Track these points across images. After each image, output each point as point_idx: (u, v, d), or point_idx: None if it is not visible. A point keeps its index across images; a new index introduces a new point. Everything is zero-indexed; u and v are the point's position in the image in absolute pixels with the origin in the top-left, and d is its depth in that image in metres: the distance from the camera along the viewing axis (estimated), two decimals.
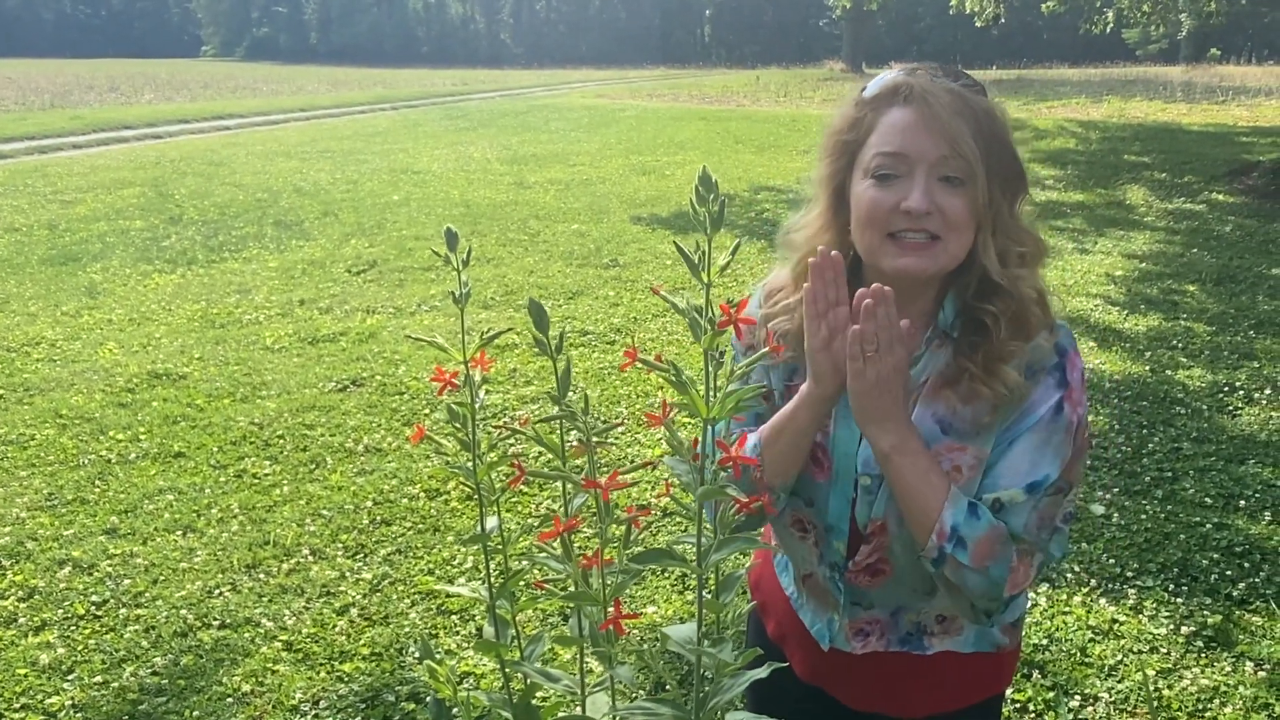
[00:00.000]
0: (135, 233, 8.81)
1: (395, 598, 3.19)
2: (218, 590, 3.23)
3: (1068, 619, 2.98)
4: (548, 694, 1.25)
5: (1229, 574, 3.19)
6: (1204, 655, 2.80)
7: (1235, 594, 3.08)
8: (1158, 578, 3.18)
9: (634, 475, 3.69)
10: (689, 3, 66.61)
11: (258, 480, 4.02)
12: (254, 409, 4.72)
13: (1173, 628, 2.92)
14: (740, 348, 1.38)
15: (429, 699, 1.33)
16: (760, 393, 1.32)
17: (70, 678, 2.80)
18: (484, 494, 1.22)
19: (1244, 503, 3.64)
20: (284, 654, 2.90)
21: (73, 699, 2.71)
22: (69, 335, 5.89)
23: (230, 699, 2.71)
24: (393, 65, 54.13)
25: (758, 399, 1.37)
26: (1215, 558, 3.28)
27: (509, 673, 1.29)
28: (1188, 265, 7.01)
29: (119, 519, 3.69)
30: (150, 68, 45.23)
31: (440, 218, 9.30)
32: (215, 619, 3.07)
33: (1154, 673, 2.74)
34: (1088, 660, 2.80)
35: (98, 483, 3.99)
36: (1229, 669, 2.74)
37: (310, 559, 3.42)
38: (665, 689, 2.56)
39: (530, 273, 7.21)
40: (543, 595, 1.23)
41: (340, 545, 3.51)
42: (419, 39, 70.09)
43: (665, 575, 3.24)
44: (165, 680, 2.79)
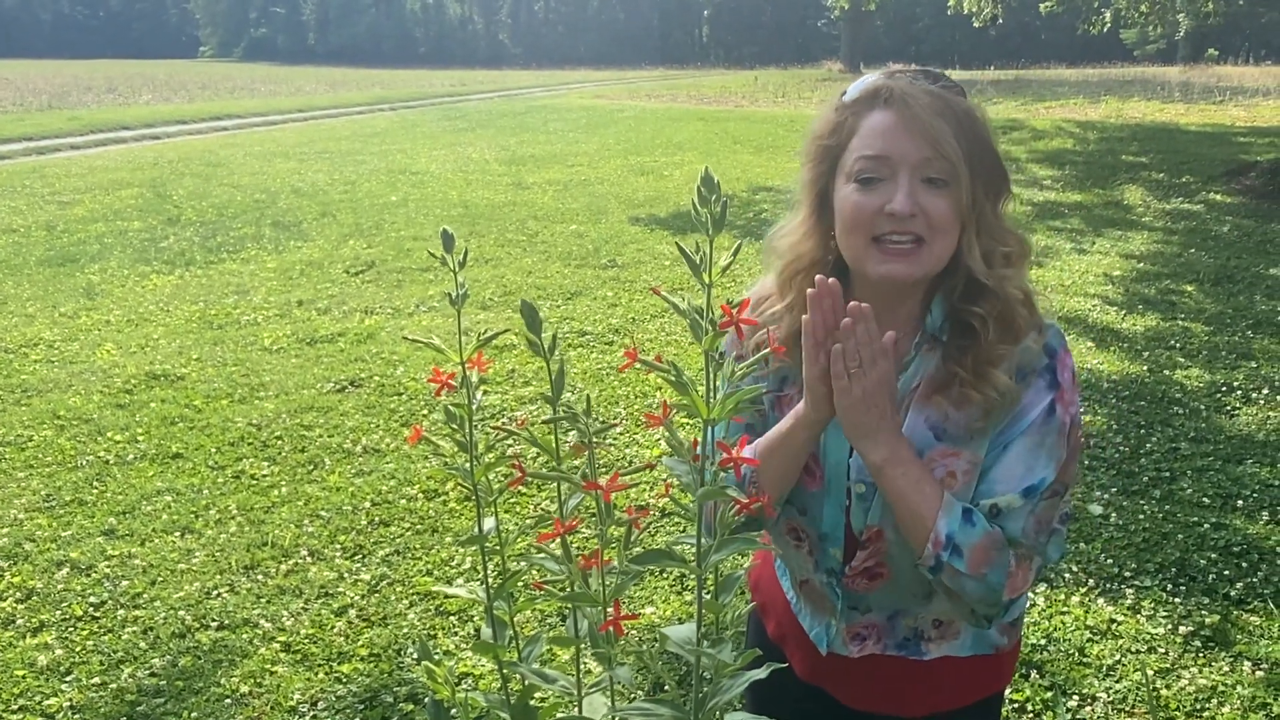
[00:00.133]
0: (133, 234, 8.81)
1: (393, 599, 3.18)
2: (216, 591, 3.23)
3: (1066, 619, 2.98)
4: (546, 695, 1.24)
5: (1227, 574, 3.19)
6: (1202, 655, 2.80)
7: (1233, 594, 3.08)
8: (1156, 577, 3.19)
9: (634, 477, 3.69)
10: (687, 3, 66.63)
11: (256, 481, 4.01)
12: (252, 410, 4.71)
13: (1171, 627, 2.93)
14: (730, 355, 1.37)
15: (427, 700, 1.33)
16: (761, 393, 1.32)
17: (68, 679, 2.80)
18: (481, 495, 1.22)
19: (1242, 502, 3.64)
20: (282, 655, 2.90)
21: (71, 700, 2.71)
22: (67, 336, 5.88)
23: (228, 700, 2.71)
24: (391, 66, 54.08)
25: (754, 407, 1.36)
26: (1213, 557, 3.28)
27: (507, 674, 1.29)
28: (1185, 265, 7.01)
29: (117, 520, 3.69)
30: (148, 68, 45.18)
31: (438, 218, 9.29)
32: (213, 620, 3.07)
33: (1152, 672, 2.74)
34: (1086, 660, 2.80)
35: (96, 484, 3.99)
36: (1227, 669, 2.74)
37: (308, 560, 3.42)
38: (664, 689, 2.56)
39: (528, 273, 7.21)
40: (541, 596, 1.23)
41: (338, 546, 3.51)
42: (417, 40, 70.06)
43: (663, 575, 3.24)
44: (163, 681, 2.78)
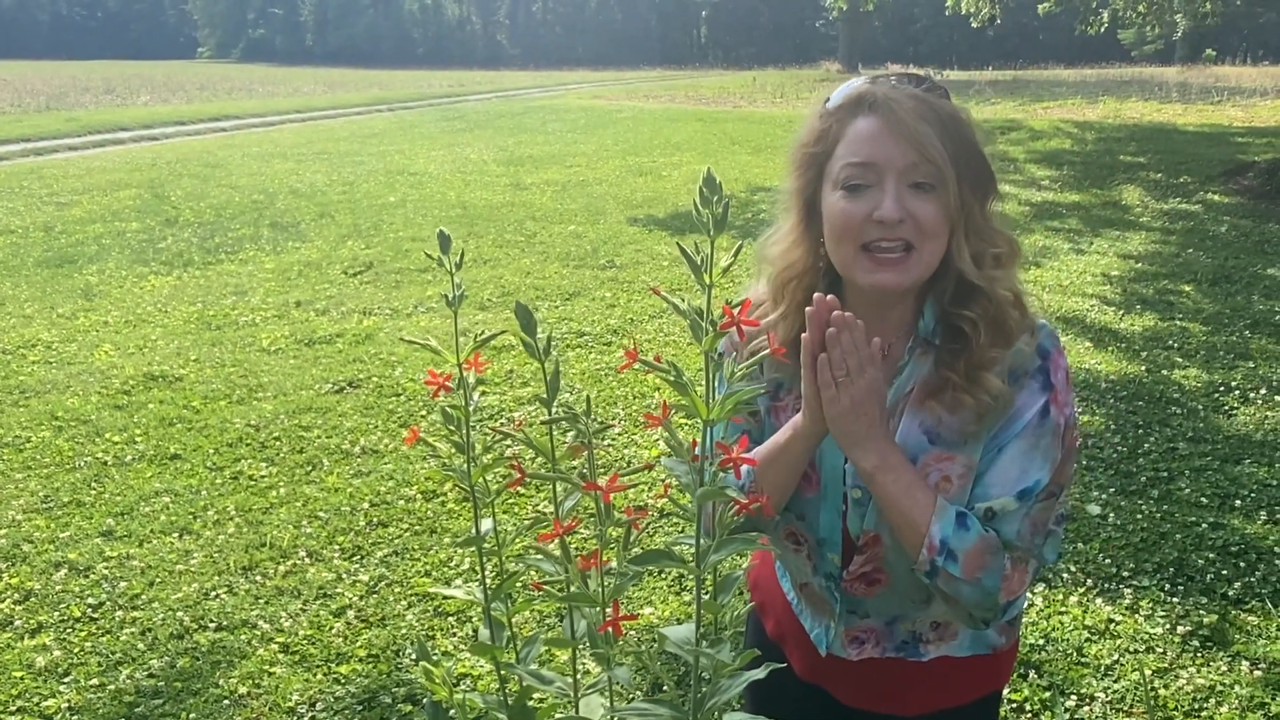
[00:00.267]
0: (131, 235, 8.80)
1: (392, 599, 3.18)
2: (214, 592, 3.23)
3: (1064, 619, 2.98)
4: (544, 695, 1.24)
5: (1225, 573, 3.19)
6: (1200, 654, 2.81)
7: (1231, 593, 3.09)
8: (1154, 577, 3.19)
9: (633, 477, 3.69)
10: (685, 4, 66.65)
11: (254, 482, 4.01)
12: (250, 411, 4.71)
13: (1169, 627, 2.93)
14: (729, 356, 1.37)
15: (425, 701, 1.33)
16: (760, 392, 1.32)
17: (66, 680, 2.80)
18: (479, 496, 1.22)
19: (1240, 502, 3.64)
20: (281, 656, 2.90)
21: (69, 701, 2.71)
22: (65, 337, 5.88)
23: (227, 701, 2.71)
24: (389, 67, 54.05)
25: (749, 410, 1.36)
26: (1211, 557, 3.28)
27: (505, 674, 1.29)
28: (1183, 265, 7.02)
29: (115, 521, 3.68)
30: (146, 69, 45.16)
31: (437, 219, 9.29)
32: (212, 621, 3.07)
33: (1150, 672, 2.74)
34: (1084, 660, 2.80)
35: (94, 485, 3.98)
36: (1225, 668, 2.74)
37: (307, 561, 3.42)
38: (662, 690, 2.56)
39: (527, 274, 7.21)
40: (540, 597, 1.23)
41: (337, 547, 3.51)
42: (415, 40, 70.03)
43: (662, 576, 3.24)
44: (162, 682, 2.78)
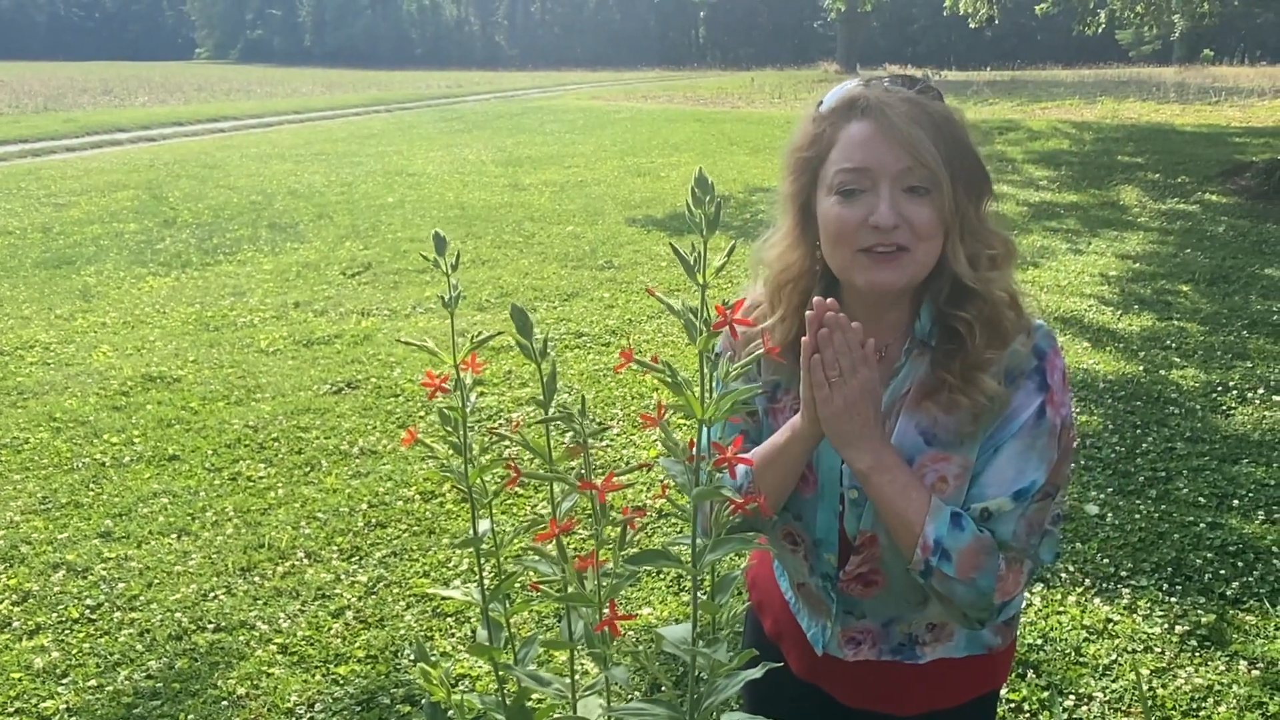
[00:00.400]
0: (129, 236, 8.80)
1: (390, 600, 3.18)
2: (212, 593, 3.23)
3: (1062, 619, 2.99)
4: (543, 696, 1.25)
5: (1223, 573, 3.19)
6: (1198, 654, 2.81)
7: (1229, 593, 3.09)
8: (1152, 577, 3.19)
9: (630, 477, 3.69)
10: (684, 5, 66.68)
11: (252, 483, 4.01)
12: (248, 412, 4.71)
13: (1167, 627, 2.93)
14: (724, 356, 1.37)
15: (424, 702, 1.33)
16: (756, 393, 1.32)
17: (65, 681, 2.80)
18: (476, 497, 1.23)
19: (1237, 502, 3.64)
20: (279, 657, 2.90)
21: (67, 703, 2.71)
22: (63, 338, 5.88)
23: (225, 702, 2.71)
24: (387, 67, 54.04)
25: (746, 411, 1.37)
26: (1209, 557, 3.28)
27: (503, 675, 1.29)
28: (1181, 265, 7.03)
29: (113, 522, 3.68)
30: (144, 70, 45.15)
31: (435, 220, 9.29)
32: (210, 622, 3.07)
33: (1148, 672, 2.74)
34: (1082, 660, 2.80)
35: (92, 486, 3.98)
36: (1223, 668, 2.75)
37: (305, 562, 3.42)
38: (661, 690, 2.56)
39: (525, 275, 7.21)
40: (538, 597, 1.24)
41: (335, 548, 3.51)
42: (413, 41, 70.03)
43: (661, 576, 3.24)
44: (160, 684, 2.78)
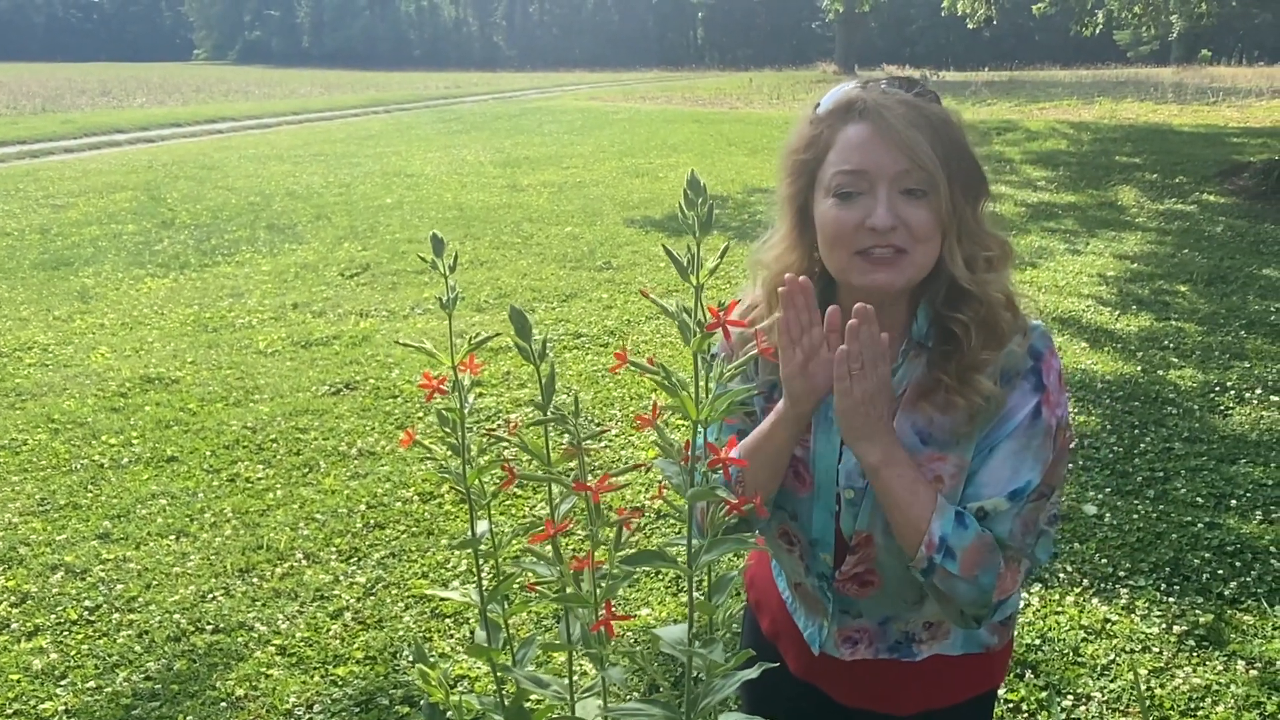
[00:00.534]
0: (127, 237, 8.80)
1: (389, 601, 3.18)
2: (211, 595, 3.23)
3: (1060, 619, 2.99)
4: (541, 697, 1.25)
5: (1220, 573, 3.20)
6: (1196, 654, 2.81)
7: (1227, 593, 3.09)
8: (1150, 577, 3.19)
9: (628, 477, 3.69)
10: (682, 5, 66.70)
11: (251, 484, 4.01)
12: (247, 413, 4.71)
13: (1165, 627, 2.93)
14: (720, 357, 1.38)
15: (423, 702, 1.33)
16: (754, 393, 1.33)
17: (63, 683, 2.80)
18: (475, 498, 1.23)
19: (1235, 502, 3.65)
20: (277, 658, 2.90)
21: (66, 704, 2.71)
22: (61, 340, 5.88)
23: (224, 703, 2.71)
24: (385, 68, 54.01)
25: (744, 411, 1.37)
26: (1207, 557, 3.29)
27: (502, 676, 1.29)
28: (1179, 266, 7.03)
29: (112, 524, 3.68)
30: (142, 71, 45.13)
31: (433, 221, 9.29)
32: (208, 623, 3.07)
33: (1146, 672, 2.75)
34: (1080, 660, 2.81)
35: (90, 488, 3.98)
36: (1221, 668, 2.75)
37: (304, 563, 3.42)
38: (659, 691, 2.57)
39: (524, 275, 7.21)
40: (535, 598, 1.24)
41: (334, 549, 3.51)
42: (411, 42, 70.03)
43: (660, 577, 3.24)
44: (159, 685, 2.78)
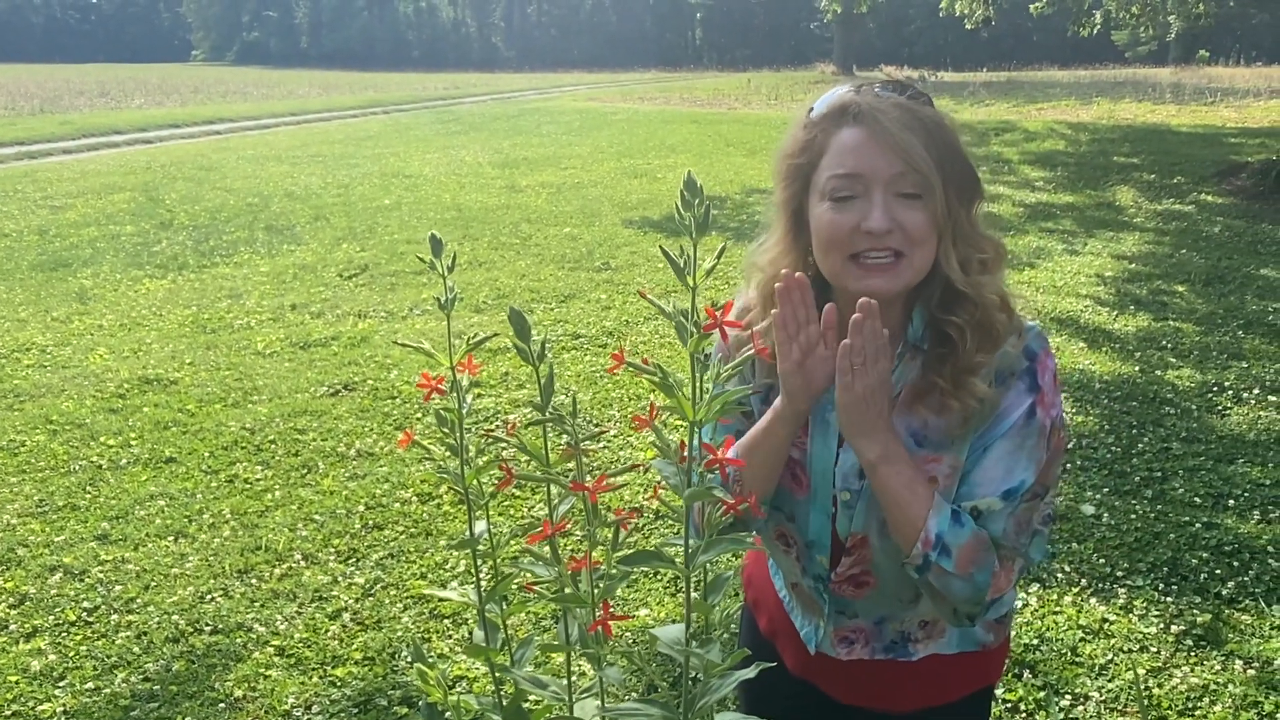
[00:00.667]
0: (126, 238, 8.80)
1: (387, 602, 3.18)
2: (210, 596, 3.23)
3: (1058, 618, 2.99)
4: (539, 697, 1.25)
5: (1218, 573, 3.20)
6: (1194, 654, 2.82)
7: (1225, 593, 3.10)
8: (1148, 577, 3.20)
9: (624, 478, 3.69)
10: (680, 6, 66.71)
11: (249, 485, 4.01)
12: (245, 414, 4.71)
13: (1163, 627, 2.94)
14: (716, 357, 1.38)
15: (421, 703, 1.33)
16: (749, 394, 1.33)
17: (62, 684, 2.80)
18: (473, 499, 1.23)
19: (1233, 502, 3.65)
20: (276, 659, 2.90)
21: (65, 706, 2.71)
22: (59, 341, 5.87)
23: (223, 704, 2.71)
24: (384, 69, 54.02)
25: (741, 412, 1.38)
26: (1205, 557, 3.29)
27: (500, 676, 1.30)
28: (1177, 266, 7.04)
29: (110, 525, 3.68)
30: (140, 72, 45.11)
31: (432, 222, 9.29)
32: (207, 624, 3.07)
33: (1144, 671, 2.75)
34: (1078, 659, 2.81)
35: (89, 489, 3.98)
36: (1219, 667, 2.75)
37: (302, 564, 3.42)
38: (657, 691, 2.57)
39: (522, 276, 7.21)
40: (534, 598, 1.24)
41: (332, 550, 3.51)
42: (410, 43, 70.03)
43: (658, 577, 3.24)
44: (157, 686, 2.78)
